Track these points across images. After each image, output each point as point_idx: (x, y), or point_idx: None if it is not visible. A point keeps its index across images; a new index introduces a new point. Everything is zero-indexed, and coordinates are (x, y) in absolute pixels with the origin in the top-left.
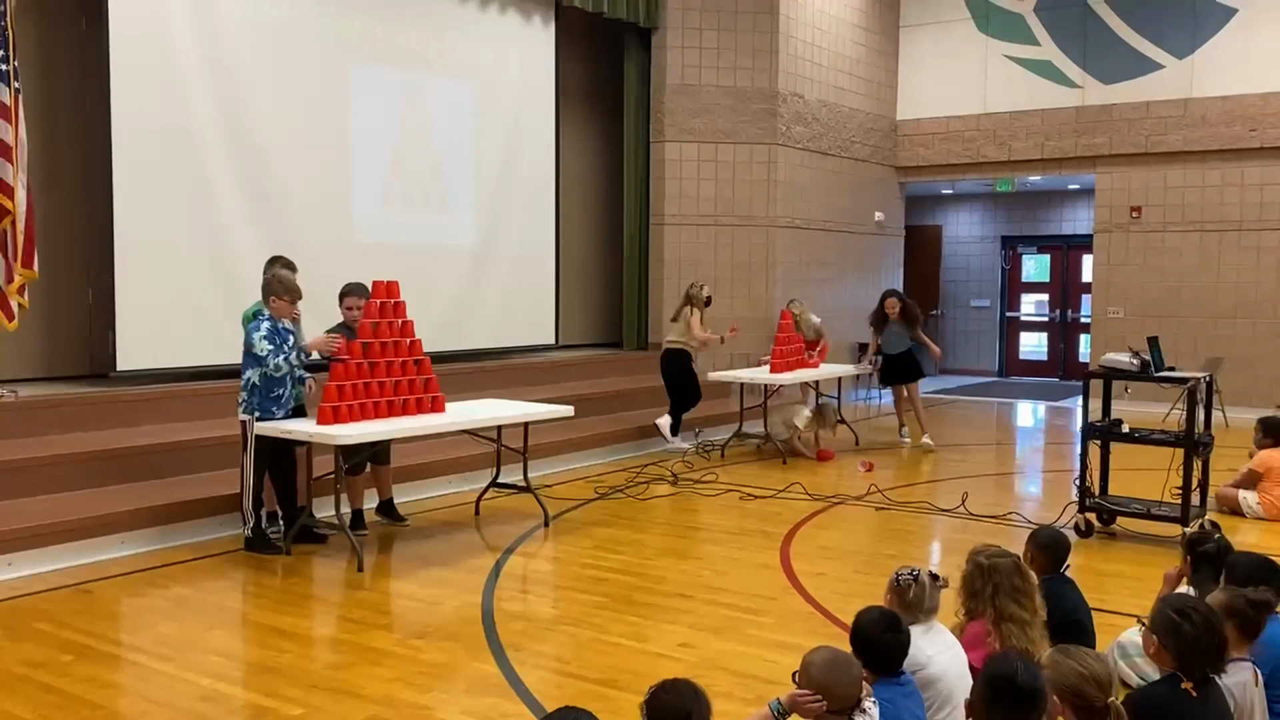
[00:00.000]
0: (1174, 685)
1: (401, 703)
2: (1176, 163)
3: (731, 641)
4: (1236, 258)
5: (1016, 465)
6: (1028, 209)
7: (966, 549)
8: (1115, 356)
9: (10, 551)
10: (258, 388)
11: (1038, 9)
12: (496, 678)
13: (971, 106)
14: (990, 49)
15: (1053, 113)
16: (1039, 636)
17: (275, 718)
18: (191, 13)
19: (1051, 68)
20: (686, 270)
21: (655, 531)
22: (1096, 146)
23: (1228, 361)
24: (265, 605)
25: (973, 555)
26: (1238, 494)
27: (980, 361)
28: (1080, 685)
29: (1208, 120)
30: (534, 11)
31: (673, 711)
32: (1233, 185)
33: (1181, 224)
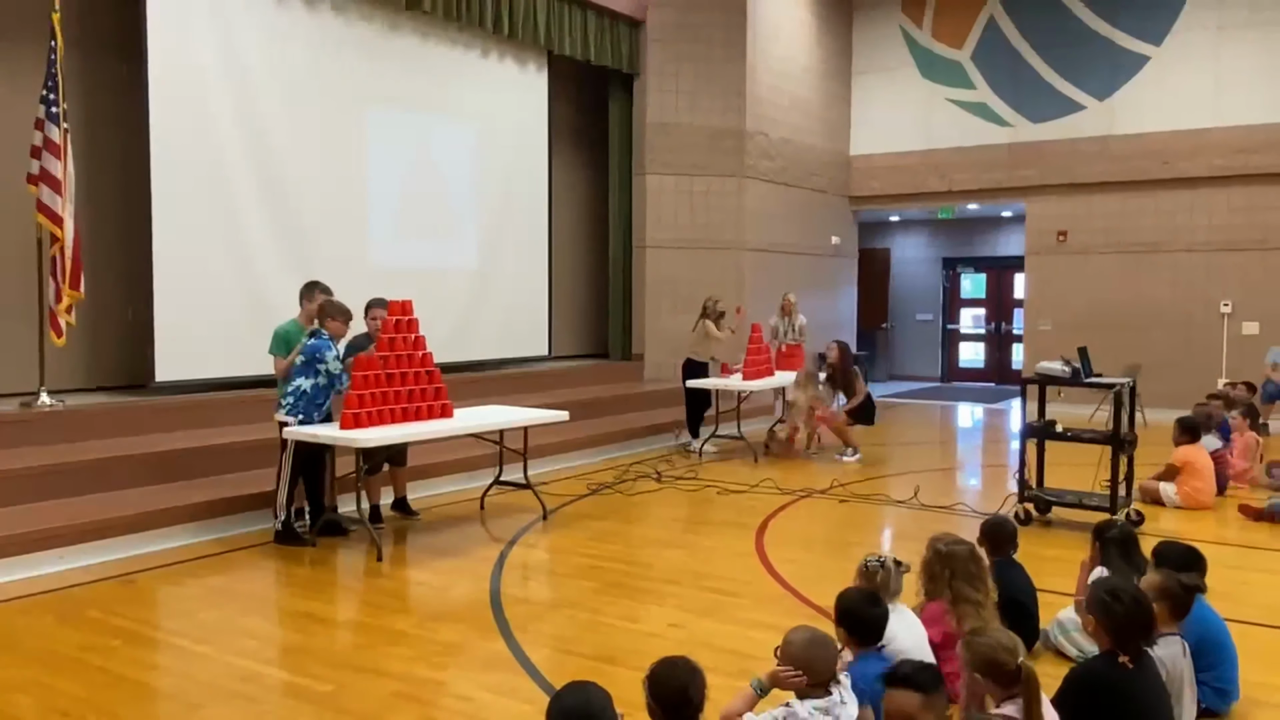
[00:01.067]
0: (1112, 659)
1: (421, 679)
2: (1098, 192)
3: (715, 621)
4: (1152, 276)
5: (960, 461)
6: (966, 234)
7: (921, 536)
8: (1049, 364)
9: (61, 546)
10: (306, 394)
11: (974, 57)
12: (506, 655)
13: (916, 143)
14: (932, 92)
15: (988, 148)
16: (990, 615)
17: (308, 694)
18: (222, 59)
19: (986, 109)
20: (666, 289)
21: (643, 524)
22: (1027, 178)
23: (1145, 368)
24: (294, 592)
25: (932, 542)
26: (1159, 486)
27: (924, 369)
28: (994, 655)
29: (1125, 155)
30: (528, 60)
31: (672, 686)
32: (1148, 212)
33: (1103, 247)
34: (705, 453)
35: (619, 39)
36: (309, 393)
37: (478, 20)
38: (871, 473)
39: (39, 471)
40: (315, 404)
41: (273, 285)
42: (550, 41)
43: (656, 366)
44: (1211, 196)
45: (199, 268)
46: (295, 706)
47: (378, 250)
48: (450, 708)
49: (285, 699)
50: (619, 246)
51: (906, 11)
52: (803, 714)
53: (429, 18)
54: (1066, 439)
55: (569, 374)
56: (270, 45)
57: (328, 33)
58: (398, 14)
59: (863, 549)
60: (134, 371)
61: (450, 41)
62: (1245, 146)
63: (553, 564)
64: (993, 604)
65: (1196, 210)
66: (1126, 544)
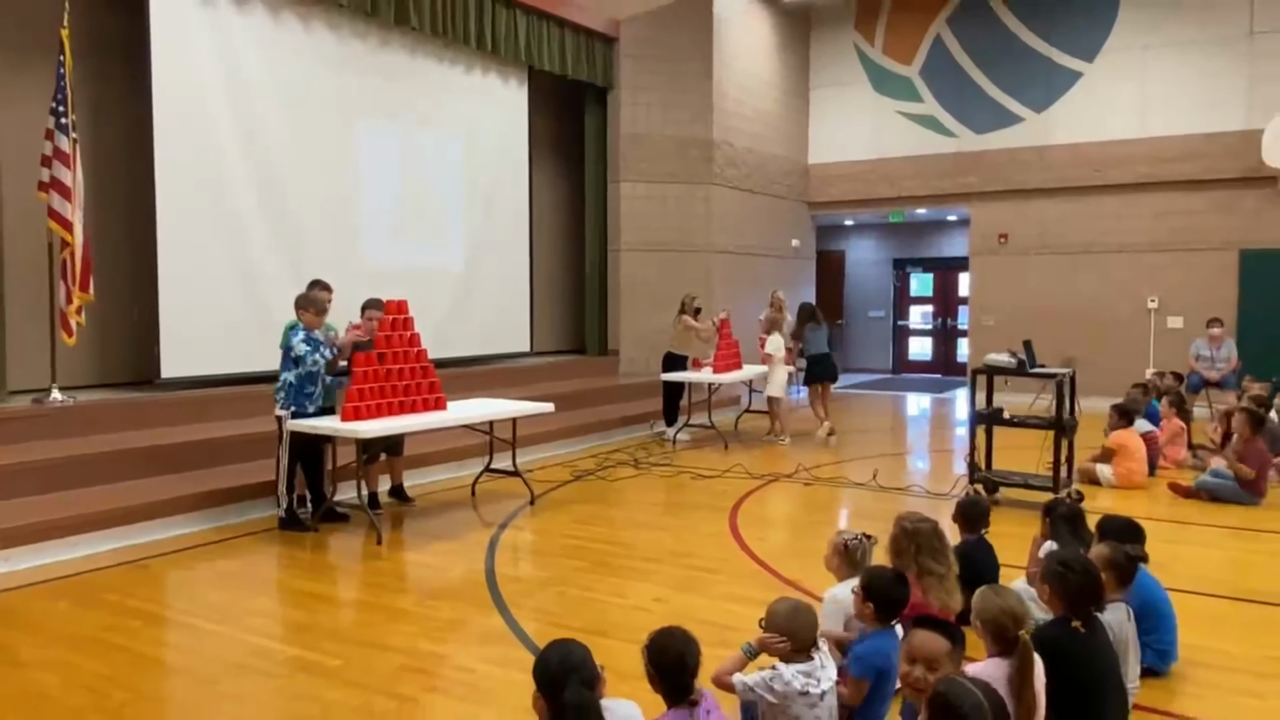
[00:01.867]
0: (1065, 625)
1: (424, 653)
2: (1035, 198)
3: (695, 595)
4: (1086, 275)
5: (911, 446)
6: (914, 236)
7: (881, 515)
8: (997, 356)
9: (76, 534)
10: (293, 386)
11: (922, 72)
12: (502, 630)
13: (868, 152)
14: (883, 105)
15: (935, 157)
16: (952, 587)
17: (318, 668)
18: (223, 73)
19: (933, 120)
20: (639, 290)
21: (624, 507)
22: (970, 185)
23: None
24: (299, 575)
25: (899, 521)
26: (1095, 467)
27: (877, 362)
28: (999, 618)
29: (1060, 163)
30: (510, 75)
31: (670, 653)
32: (1081, 216)
33: (1040, 248)
34: (679, 440)
35: (594, 55)
36: (294, 384)
37: (462, 37)
38: (832, 458)
39: (52, 464)
40: (303, 393)
41: (271, 286)
42: (530, 57)
43: (631, 361)
44: (1139, 202)
45: (201, 270)
46: (307, 680)
47: (370, 253)
48: (453, 678)
49: (297, 672)
50: (595, 249)
51: (860, 30)
52: (786, 676)
53: (417, 34)
54: (1013, 425)
55: (549, 369)
56: (268, 59)
57: (323, 47)
58: (388, 30)
59: (829, 528)
60: (140, 369)
61: (437, 57)
62: (1168, 156)
63: (542, 545)
64: (954, 576)
65: (1125, 214)
66: (1074, 520)
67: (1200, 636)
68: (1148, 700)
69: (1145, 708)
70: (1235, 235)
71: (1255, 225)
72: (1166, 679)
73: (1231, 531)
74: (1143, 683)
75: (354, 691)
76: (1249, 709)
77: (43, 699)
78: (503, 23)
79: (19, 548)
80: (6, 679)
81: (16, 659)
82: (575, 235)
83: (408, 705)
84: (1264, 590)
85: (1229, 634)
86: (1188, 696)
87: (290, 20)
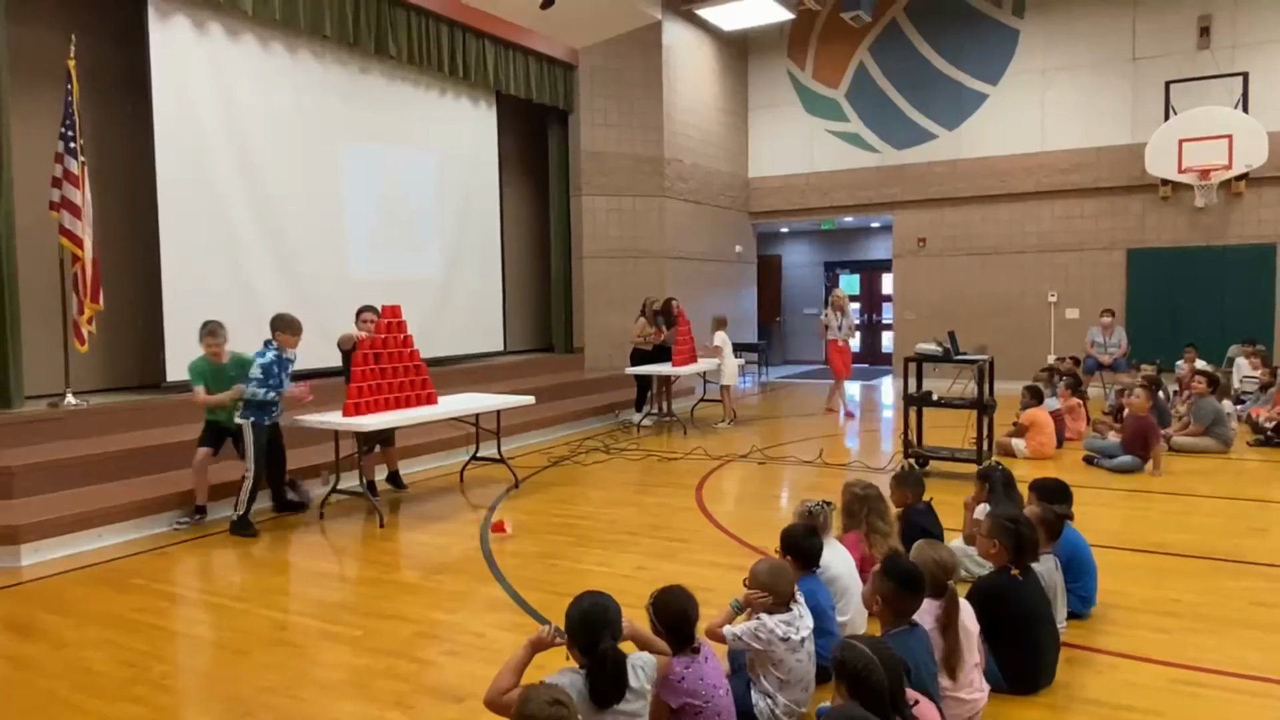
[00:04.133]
0: (1005, 573)
1: (437, 621)
2: (949, 206)
3: (674, 563)
4: (995, 273)
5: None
6: (843, 241)
7: (828, 488)
8: (925, 345)
9: (98, 525)
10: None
11: (848, 95)
12: (505, 599)
13: (802, 166)
14: (814, 125)
15: (860, 171)
16: (895, 542)
17: (341, 638)
18: (216, 99)
19: (858, 138)
20: (601, 293)
21: (600, 488)
22: (892, 195)
23: (990, 348)
24: (311, 556)
25: (849, 487)
26: (1011, 441)
27: (811, 354)
28: (932, 567)
29: (971, 174)
30: (480, 98)
31: (674, 609)
32: (989, 221)
33: (954, 250)
34: (643, 427)
35: (556, 80)
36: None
37: (436, 64)
38: (779, 438)
39: (70, 462)
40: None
41: (264, 295)
42: (498, 82)
43: (594, 357)
44: (1039, 208)
45: (201, 281)
46: (332, 648)
47: (354, 262)
48: (467, 642)
49: (322, 642)
50: (560, 256)
51: (792, 57)
52: (770, 625)
53: (394, 62)
54: (940, 405)
55: (522, 365)
56: (259, 85)
57: (309, 75)
58: (367, 59)
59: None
60: (147, 373)
61: (413, 83)
62: (1065, 167)
63: (530, 524)
64: (896, 533)
65: (1028, 219)
66: (1008, 483)
67: (1112, 583)
68: (1074, 639)
69: (1072, 645)
70: (1123, 236)
71: (1140, 227)
72: (1089, 620)
73: (1128, 493)
74: (1068, 624)
75: (378, 657)
76: (1157, 642)
77: (91, 673)
78: (473, 51)
79: (47, 539)
80: (56, 657)
81: (62, 639)
82: (542, 244)
83: (429, 667)
84: (1162, 543)
85: (1136, 581)
86: (1106, 635)
87: (279, 50)
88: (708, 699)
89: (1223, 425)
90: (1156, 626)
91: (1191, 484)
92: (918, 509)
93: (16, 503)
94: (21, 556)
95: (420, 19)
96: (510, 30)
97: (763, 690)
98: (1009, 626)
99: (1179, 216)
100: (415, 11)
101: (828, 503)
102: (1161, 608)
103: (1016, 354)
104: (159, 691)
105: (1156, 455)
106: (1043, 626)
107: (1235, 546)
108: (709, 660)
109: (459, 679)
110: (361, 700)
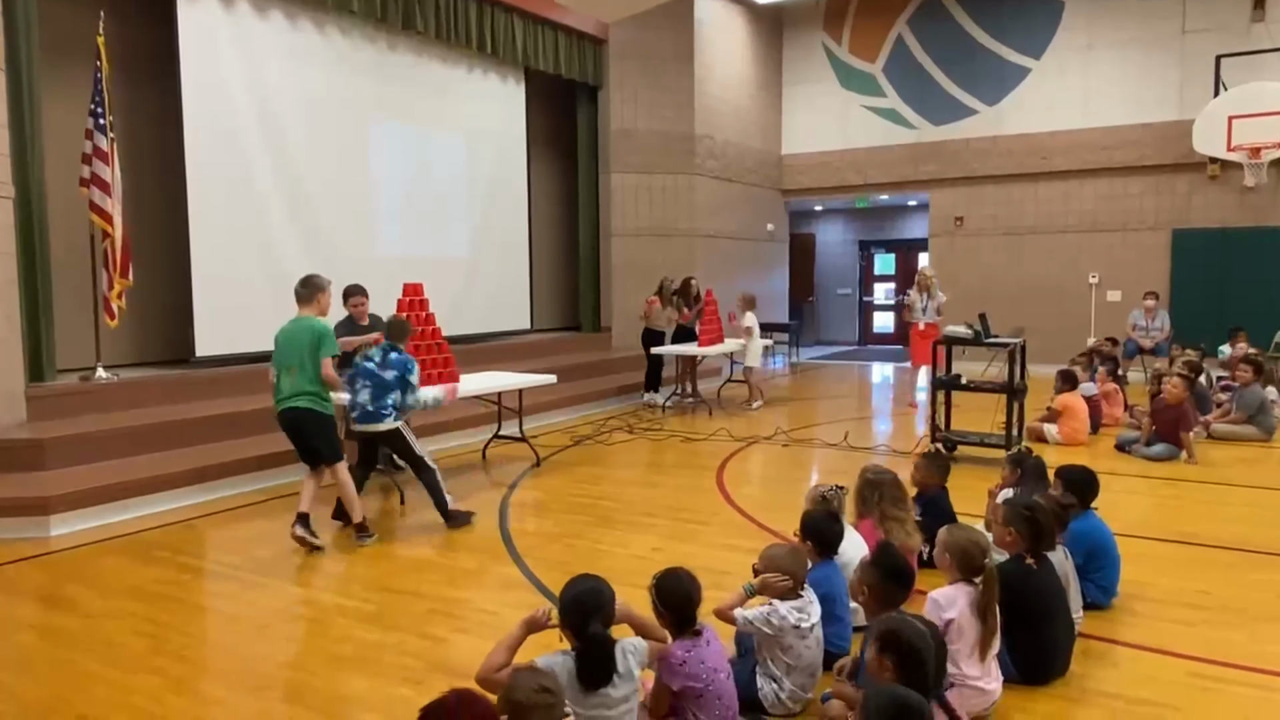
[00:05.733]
0: (1020, 561)
1: (450, 598)
2: (988, 184)
3: (690, 544)
4: (1033, 254)
5: (876, 410)
6: (878, 220)
7: (852, 471)
8: (955, 329)
9: (127, 498)
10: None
11: (885, 69)
12: (519, 577)
13: (836, 143)
14: (849, 100)
15: (896, 148)
16: (912, 529)
17: (356, 613)
18: (246, 76)
19: (895, 114)
20: (629, 272)
21: (621, 468)
22: (929, 172)
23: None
24: (333, 531)
25: (863, 473)
26: (1043, 427)
27: (844, 334)
28: (968, 548)
29: (1010, 151)
30: (509, 75)
31: (677, 592)
32: (1029, 200)
33: (993, 230)
34: (667, 408)
35: (585, 56)
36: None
37: (464, 40)
38: (806, 420)
39: (101, 435)
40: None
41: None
42: (527, 58)
43: (622, 336)
44: (1081, 186)
45: (229, 258)
46: (347, 624)
47: (382, 240)
48: (477, 620)
49: (338, 617)
50: (588, 235)
51: (828, 30)
52: (782, 611)
53: (423, 38)
54: (970, 389)
55: (548, 344)
56: (288, 63)
57: (337, 52)
58: (395, 35)
59: (806, 483)
60: (177, 348)
61: (441, 59)
62: (1108, 144)
63: (549, 502)
64: (913, 520)
65: (1070, 198)
66: (1040, 470)
67: (1138, 574)
68: (1092, 629)
69: (1090, 636)
70: (1168, 216)
71: (1186, 207)
72: (1109, 611)
73: (1162, 482)
74: (1086, 614)
75: (390, 633)
76: (1178, 634)
77: (112, 644)
78: (501, 26)
79: (76, 510)
80: (80, 627)
81: (87, 610)
82: (570, 222)
83: (439, 644)
84: (1191, 533)
85: (1163, 571)
86: (1126, 626)
87: (306, 26)
88: (708, 682)
89: (1266, 414)
90: (1180, 619)
91: (1230, 473)
92: (940, 492)
93: (47, 474)
94: (51, 527)
95: None
96: (539, 5)
97: (769, 675)
98: (1023, 616)
99: (1227, 196)
100: None
101: (841, 487)
102: (1187, 599)
103: (1056, 337)
104: (177, 662)
105: (1189, 443)
106: (1057, 617)
107: (1271, 538)
108: (711, 643)
109: (468, 656)
110: (371, 676)
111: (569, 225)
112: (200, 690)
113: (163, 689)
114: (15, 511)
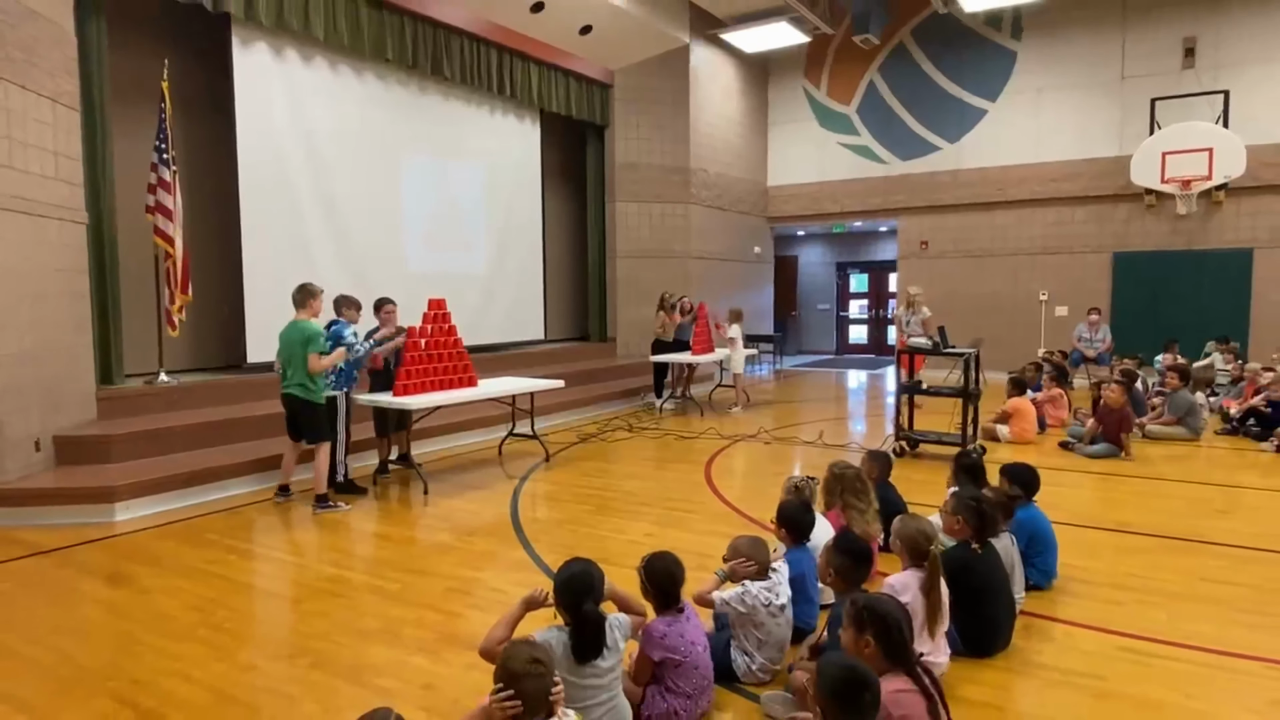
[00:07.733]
0: (967, 547)
1: (466, 578)
2: (950, 212)
3: (679, 531)
4: (990, 274)
5: (850, 412)
6: (853, 244)
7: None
8: (916, 339)
9: (184, 488)
10: (343, 371)
11: (858, 111)
12: (526, 559)
13: (815, 176)
14: (827, 138)
15: (869, 180)
16: (872, 518)
17: (382, 591)
18: (291, 115)
19: (868, 150)
20: (631, 288)
21: (621, 463)
22: (898, 201)
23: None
24: (363, 517)
25: (830, 467)
26: (995, 427)
27: (823, 345)
28: (916, 536)
29: (970, 183)
30: (525, 115)
31: (662, 572)
32: (986, 226)
33: (954, 253)
34: (665, 410)
35: (593, 98)
36: (344, 369)
37: (486, 85)
38: (785, 421)
39: (162, 432)
40: (350, 377)
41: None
42: (541, 100)
43: (625, 345)
44: (1033, 214)
45: (277, 275)
46: (373, 600)
47: (412, 260)
48: (488, 597)
49: (365, 594)
50: (596, 256)
51: (808, 76)
52: (754, 591)
53: (449, 82)
54: (929, 394)
55: (559, 352)
56: (329, 103)
57: (373, 94)
58: (425, 80)
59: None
60: (230, 355)
61: (465, 101)
62: (1056, 177)
63: (556, 493)
64: (874, 510)
65: (1022, 224)
66: (974, 470)
67: (1075, 558)
68: (1033, 608)
69: (1031, 614)
70: (1109, 241)
71: (1125, 233)
72: (1048, 592)
73: (1100, 476)
74: (1028, 595)
75: (410, 609)
76: (1109, 612)
77: (164, 617)
78: (519, 72)
79: (139, 498)
80: (138, 602)
81: (144, 586)
82: (580, 244)
83: (453, 618)
84: (1123, 521)
85: (1097, 556)
86: (1063, 605)
87: (346, 72)
88: (686, 654)
89: (1195, 416)
90: (1111, 599)
91: (1162, 469)
92: (881, 485)
93: (113, 466)
94: (115, 513)
95: (472, 44)
96: (552, 54)
97: (742, 649)
98: (969, 596)
99: (1162, 223)
100: (467, 37)
101: (812, 478)
102: (1117, 581)
103: (1009, 348)
104: (219, 633)
105: (1127, 442)
106: (1000, 596)
107: (1194, 527)
108: (690, 619)
109: (478, 629)
110: (392, 646)
111: (579, 247)
112: (239, 658)
113: (207, 657)
114: (85, 499)
